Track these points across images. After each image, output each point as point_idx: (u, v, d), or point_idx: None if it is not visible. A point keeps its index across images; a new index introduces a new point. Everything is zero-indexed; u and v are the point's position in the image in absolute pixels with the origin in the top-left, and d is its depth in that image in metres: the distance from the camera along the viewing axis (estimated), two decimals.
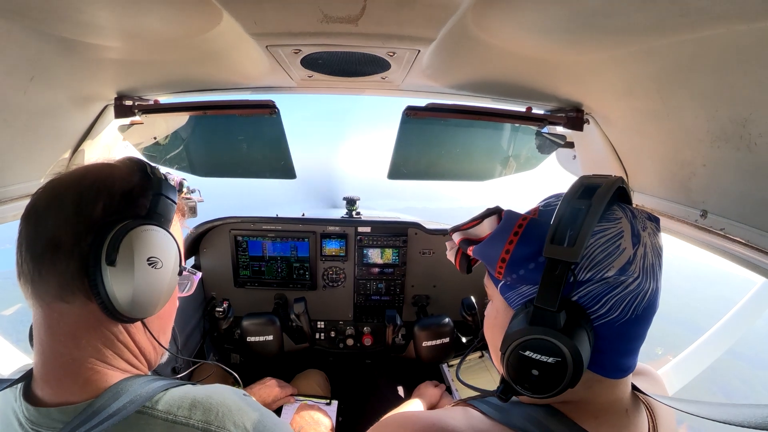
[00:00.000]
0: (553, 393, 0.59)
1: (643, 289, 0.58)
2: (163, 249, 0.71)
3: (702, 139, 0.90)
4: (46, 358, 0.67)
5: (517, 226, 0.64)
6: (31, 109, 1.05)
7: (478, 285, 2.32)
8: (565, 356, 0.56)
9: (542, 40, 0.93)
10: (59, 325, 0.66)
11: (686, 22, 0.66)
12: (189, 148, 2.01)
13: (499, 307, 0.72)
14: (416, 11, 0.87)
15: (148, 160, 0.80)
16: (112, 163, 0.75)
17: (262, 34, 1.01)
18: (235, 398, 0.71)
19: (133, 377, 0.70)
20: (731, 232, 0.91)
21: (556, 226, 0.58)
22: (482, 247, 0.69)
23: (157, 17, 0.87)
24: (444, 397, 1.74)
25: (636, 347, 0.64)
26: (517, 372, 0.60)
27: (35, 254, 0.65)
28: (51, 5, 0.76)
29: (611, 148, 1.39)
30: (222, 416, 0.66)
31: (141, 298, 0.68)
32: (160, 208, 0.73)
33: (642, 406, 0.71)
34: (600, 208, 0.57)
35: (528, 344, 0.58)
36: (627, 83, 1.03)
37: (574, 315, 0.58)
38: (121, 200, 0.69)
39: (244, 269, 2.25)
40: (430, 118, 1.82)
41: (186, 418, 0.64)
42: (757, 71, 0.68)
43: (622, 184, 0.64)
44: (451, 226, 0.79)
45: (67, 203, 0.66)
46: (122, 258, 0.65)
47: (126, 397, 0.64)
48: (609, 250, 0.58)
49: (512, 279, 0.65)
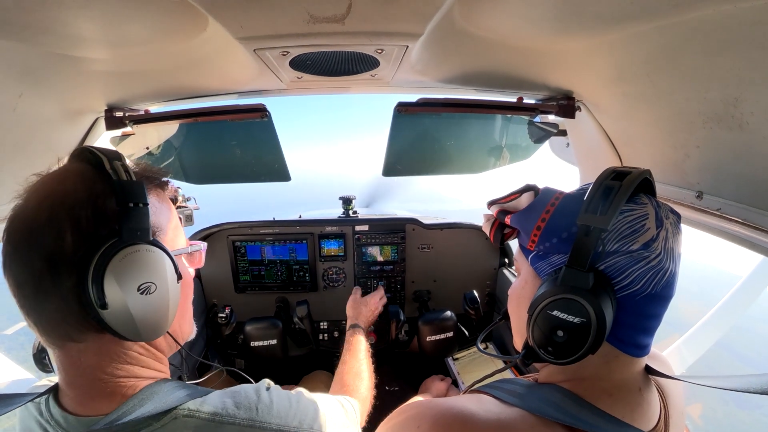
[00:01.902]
0: (574, 358, 0.62)
1: (664, 266, 0.62)
2: (151, 269, 0.65)
3: (694, 121, 0.90)
4: (71, 380, 0.67)
5: (554, 199, 0.71)
6: (22, 126, 1.04)
7: (478, 279, 2.34)
8: (590, 318, 0.59)
9: (530, 30, 0.93)
10: (80, 360, 0.65)
11: (673, 4, 0.66)
12: (182, 156, 2.00)
13: (527, 278, 0.75)
14: (402, 7, 0.87)
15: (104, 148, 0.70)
16: (64, 174, 0.66)
17: (249, 38, 1.01)
18: (264, 393, 0.75)
19: (159, 382, 0.70)
20: (727, 211, 0.91)
21: (591, 198, 0.63)
22: (520, 216, 0.75)
23: (142, 26, 0.86)
24: (450, 391, 1.75)
25: (653, 326, 0.66)
26: (543, 333, 0.63)
27: (28, 304, 0.61)
28: (36, 20, 0.75)
29: (604, 134, 1.39)
30: (262, 412, 0.70)
31: (148, 325, 0.66)
32: (133, 221, 0.64)
33: (653, 385, 0.72)
34: (629, 188, 0.62)
35: (556, 304, 0.62)
36: (617, 68, 1.03)
37: (601, 282, 0.61)
38: (88, 223, 0.61)
39: (244, 274, 2.25)
40: (422, 113, 1.82)
41: (232, 417, 0.67)
42: (746, 50, 0.68)
43: (650, 176, 0.68)
44: (490, 199, 0.86)
45: (32, 247, 0.59)
46: (111, 297, 0.60)
47: (151, 405, 0.64)
48: (635, 227, 0.62)
49: (544, 248, 0.69)
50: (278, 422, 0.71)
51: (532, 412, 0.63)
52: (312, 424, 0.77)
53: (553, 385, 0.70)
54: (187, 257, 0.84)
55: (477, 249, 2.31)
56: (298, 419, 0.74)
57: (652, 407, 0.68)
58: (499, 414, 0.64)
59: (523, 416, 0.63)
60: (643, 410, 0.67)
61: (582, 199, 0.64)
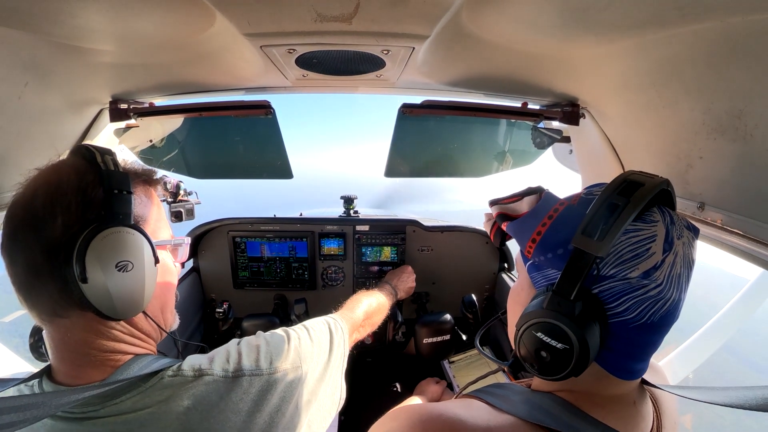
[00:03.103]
0: (557, 378, 0.60)
1: (665, 297, 0.58)
2: (128, 249, 0.70)
3: (698, 132, 0.90)
4: (62, 356, 0.72)
5: (553, 210, 0.66)
6: (26, 115, 1.05)
7: (477, 282, 2.34)
8: (573, 345, 0.57)
9: (537, 36, 0.93)
10: (68, 336, 0.71)
11: (681, 14, 0.66)
12: (185, 150, 2.00)
13: (524, 285, 0.73)
14: (410, 8, 0.87)
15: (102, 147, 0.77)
16: (60, 166, 0.73)
17: (256, 35, 1.01)
18: (233, 347, 0.84)
19: (145, 355, 0.78)
20: (729, 223, 0.91)
21: (590, 217, 0.58)
22: (516, 225, 0.72)
23: (150, 20, 0.86)
24: (445, 394, 1.75)
25: (647, 353, 0.63)
26: (527, 350, 0.62)
27: (20, 281, 0.67)
28: (43, 10, 0.75)
29: (607, 141, 1.39)
30: (233, 362, 0.79)
31: (125, 302, 0.71)
32: (116, 207, 0.70)
33: (647, 395, 0.71)
34: (636, 208, 0.57)
35: (541, 326, 0.60)
36: (622, 77, 1.03)
37: (591, 307, 0.58)
38: (77, 208, 0.67)
39: (243, 270, 2.24)
40: (426, 115, 1.82)
41: (209, 370, 0.75)
42: (752, 63, 0.68)
43: (668, 187, 0.63)
44: (492, 198, 0.82)
45: (29, 230, 0.66)
46: (91, 273, 0.66)
47: (138, 370, 0.72)
48: (638, 252, 0.58)
49: (540, 260, 0.66)
50: (250, 367, 0.79)
51: (524, 419, 0.63)
52: (284, 361, 0.83)
53: (546, 392, 0.69)
54: (171, 250, 0.89)
55: (477, 253, 2.31)
56: (268, 360, 0.81)
57: (645, 419, 0.68)
58: (489, 421, 0.63)
59: (513, 423, 0.63)
60: (636, 422, 0.66)
61: (583, 212, 0.60)
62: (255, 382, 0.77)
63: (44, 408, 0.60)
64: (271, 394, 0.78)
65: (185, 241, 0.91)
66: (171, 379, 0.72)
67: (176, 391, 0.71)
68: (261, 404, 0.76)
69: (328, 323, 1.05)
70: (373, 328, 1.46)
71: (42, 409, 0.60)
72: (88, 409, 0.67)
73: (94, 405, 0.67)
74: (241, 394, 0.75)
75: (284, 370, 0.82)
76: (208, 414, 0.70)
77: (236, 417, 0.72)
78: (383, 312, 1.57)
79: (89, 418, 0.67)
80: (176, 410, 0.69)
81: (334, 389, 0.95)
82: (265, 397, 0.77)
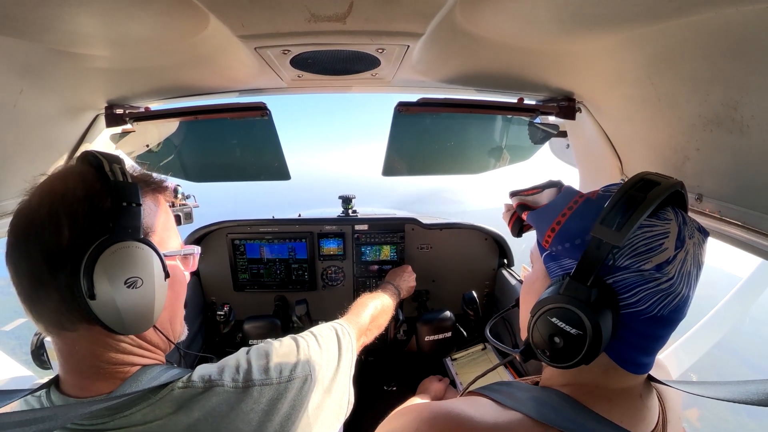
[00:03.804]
0: (568, 365, 0.62)
1: (675, 291, 0.60)
2: (138, 265, 0.68)
3: (694, 124, 0.90)
4: (70, 367, 0.71)
5: (573, 202, 0.68)
6: (22, 123, 1.04)
7: (477, 279, 2.34)
8: (587, 330, 0.58)
9: (531, 31, 0.93)
10: (75, 348, 0.70)
11: (675, 7, 0.66)
12: (182, 154, 2.00)
13: (539, 275, 0.74)
14: (404, 6, 0.87)
15: (110, 155, 0.74)
16: (66, 174, 0.70)
17: (250, 36, 1.01)
18: (242, 356, 0.82)
19: (154, 365, 0.77)
20: (727, 214, 0.91)
21: (609, 209, 0.60)
22: (536, 214, 0.74)
23: (143, 23, 0.86)
24: (448, 391, 1.75)
25: (654, 348, 0.65)
26: (541, 336, 0.64)
27: (25, 292, 0.65)
28: (36, 16, 0.75)
29: (604, 135, 1.39)
30: (243, 371, 0.78)
31: (134, 318, 0.69)
32: (125, 220, 0.68)
33: (653, 390, 0.72)
34: (653, 203, 0.59)
35: (556, 311, 0.62)
36: (618, 71, 1.03)
37: (605, 296, 0.60)
38: (84, 219, 0.65)
39: (243, 273, 2.25)
40: (423, 113, 1.82)
41: (219, 381, 0.74)
42: (747, 54, 0.68)
43: (682, 189, 0.65)
44: (512, 189, 0.85)
45: (33, 240, 0.64)
46: (99, 289, 0.63)
47: (148, 382, 0.71)
48: (651, 246, 0.60)
49: (557, 250, 0.68)
50: (260, 376, 0.78)
51: (530, 416, 0.63)
52: (293, 369, 0.82)
53: (552, 389, 0.70)
54: (181, 259, 0.87)
55: (476, 249, 2.31)
56: (278, 369, 0.80)
57: (651, 412, 0.68)
58: (497, 418, 0.64)
59: (520, 420, 0.63)
60: (642, 415, 0.67)
61: (602, 205, 0.63)
62: (265, 391, 0.76)
63: (54, 421, 0.59)
64: (281, 403, 0.77)
65: (195, 250, 0.90)
66: (181, 391, 0.71)
67: (186, 402, 0.70)
68: (271, 413, 0.75)
69: (335, 329, 1.04)
70: (379, 331, 1.45)
71: (52, 422, 0.59)
72: (97, 422, 0.66)
73: (104, 417, 0.66)
74: (252, 404, 0.74)
75: (294, 378, 0.81)
76: (219, 425, 0.69)
77: (247, 427, 0.71)
78: (388, 313, 1.56)
79: (99, 431, 0.66)
80: (186, 422, 0.68)
81: (343, 395, 0.94)
82: (275, 406, 0.76)
